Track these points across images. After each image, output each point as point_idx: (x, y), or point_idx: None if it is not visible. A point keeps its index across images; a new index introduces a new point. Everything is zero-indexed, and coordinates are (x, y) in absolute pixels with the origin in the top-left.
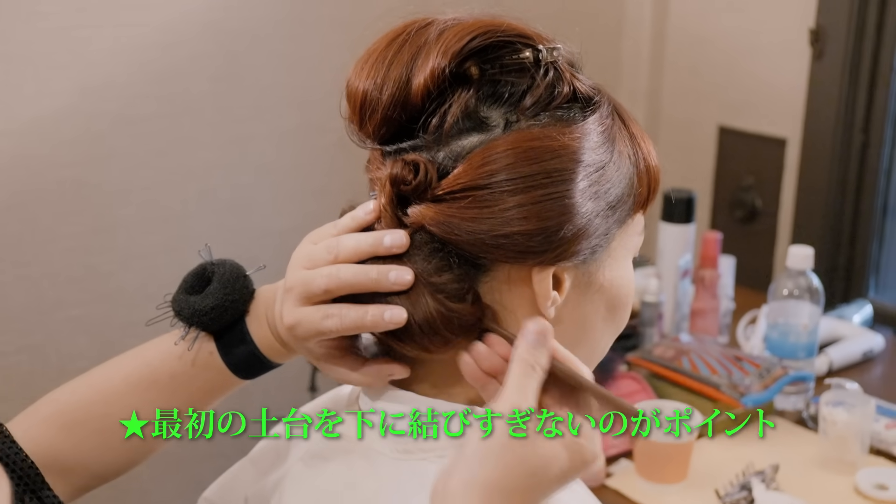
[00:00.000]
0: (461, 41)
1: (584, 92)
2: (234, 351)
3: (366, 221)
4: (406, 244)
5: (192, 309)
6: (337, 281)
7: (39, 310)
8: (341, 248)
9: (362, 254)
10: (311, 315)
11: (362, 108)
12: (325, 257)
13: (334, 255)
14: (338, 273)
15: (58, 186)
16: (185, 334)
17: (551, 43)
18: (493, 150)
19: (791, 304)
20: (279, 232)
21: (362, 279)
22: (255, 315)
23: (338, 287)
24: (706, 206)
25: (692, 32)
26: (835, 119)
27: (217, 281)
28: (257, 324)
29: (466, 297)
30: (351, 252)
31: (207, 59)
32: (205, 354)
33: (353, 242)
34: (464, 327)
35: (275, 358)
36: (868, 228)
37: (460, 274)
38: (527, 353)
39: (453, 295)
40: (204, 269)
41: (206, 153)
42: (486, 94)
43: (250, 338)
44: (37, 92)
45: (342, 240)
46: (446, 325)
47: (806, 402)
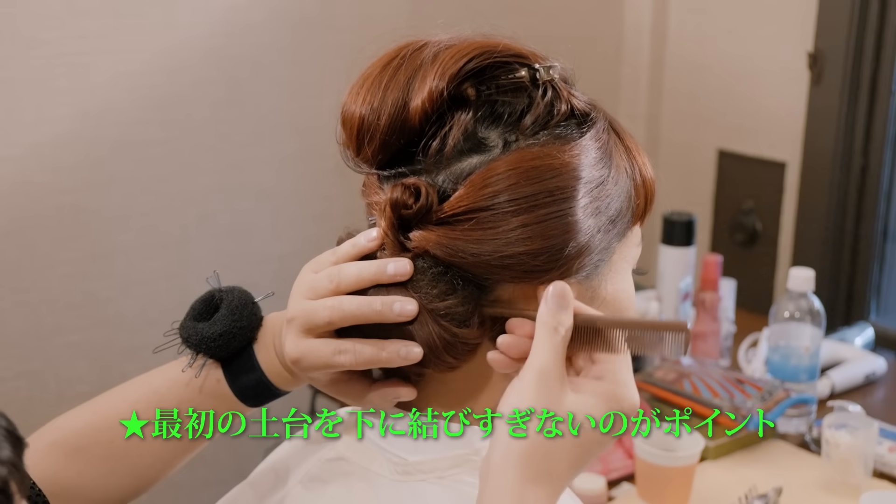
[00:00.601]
0: (458, 63)
1: (580, 108)
2: (241, 378)
3: (367, 249)
4: (410, 272)
5: (200, 336)
6: (340, 313)
7: (38, 335)
8: (343, 276)
9: (365, 282)
10: (321, 349)
11: (360, 133)
12: (327, 286)
13: (336, 285)
14: (341, 305)
15: (57, 212)
16: (192, 361)
17: (547, 61)
18: (494, 171)
19: (792, 326)
20: (279, 257)
21: (366, 311)
22: (264, 343)
23: (341, 319)
24: (707, 230)
25: (691, 58)
26: (834, 142)
27: (225, 307)
28: (265, 351)
29: (472, 322)
30: (353, 281)
31: (208, 85)
32: (212, 382)
33: (356, 271)
34: (469, 351)
35: (283, 386)
36: (869, 251)
37: (465, 297)
38: (548, 317)
39: (458, 319)
40: (212, 295)
41: (206, 178)
42: (484, 114)
43: (258, 365)
44: (37, 118)
45: (343, 268)
46: (451, 351)
47: (808, 424)
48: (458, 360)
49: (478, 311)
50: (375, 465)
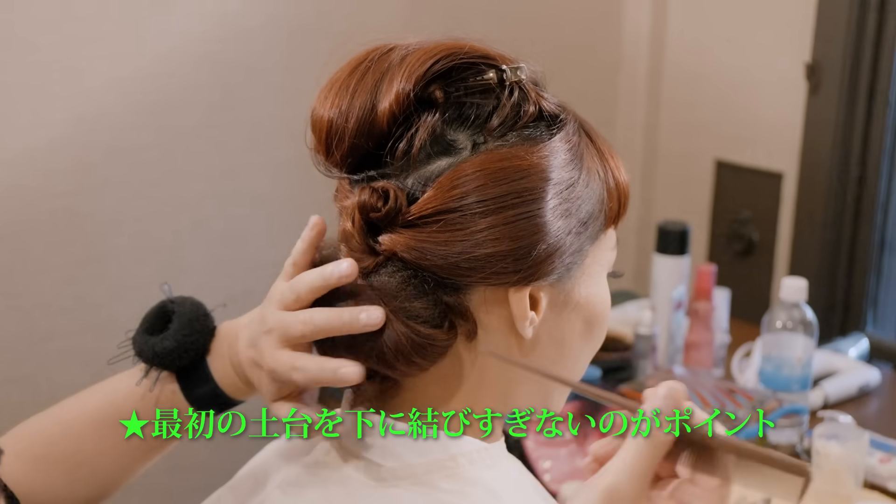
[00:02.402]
0: (424, 65)
1: (549, 110)
2: (196, 390)
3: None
4: (353, 272)
5: (153, 350)
6: (312, 327)
7: (31, 340)
8: (300, 286)
9: (318, 289)
10: (284, 363)
11: (328, 137)
12: (290, 297)
13: (296, 295)
14: (311, 318)
15: (50, 216)
16: (146, 374)
17: (515, 63)
18: (462, 172)
19: (785, 336)
20: (273, 263)
21: (335, 323)
22: (218, 354)
23: (313, 333)
24: (703, 240)
25: (688, 68)
26: (831, 153)
27: (176, 321)
28: (220, 362)
29: (442, 324)
30: (307, 289)
31: (202, 91)
32: (168, 394)
33: (308, 279)
34: (439, 353)
35: (236, 395)
36: (865, 262)
37: (435, 299)
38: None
39: (427, 321)
40: (164, 307)
41: (200, 184)
42: (452, 116)
43: (212, 377)
44: (30, 122)
45: (300, 278)
46: (418, 351)
47: (800, 435)
48: (428, 362)
49: (448, 316)
50: (353, 471)
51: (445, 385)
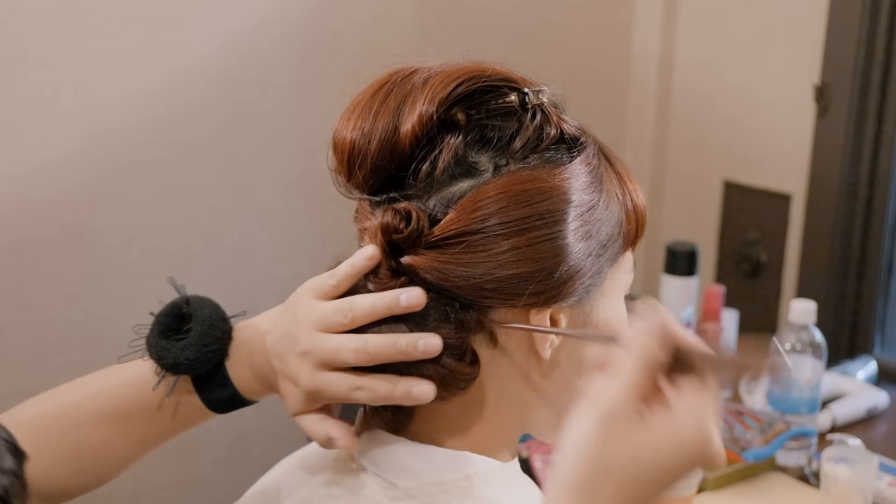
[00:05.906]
0: (447, 87)
1: (570, 133)
2: (213, 393)
3: (366, 267)
4: (423, 302)
5: (174, 360)
6: (366, 355)
7: (39, 354)
8: (356, 311)
9: (378, 315)
10: (339, 384)
11: (350, 158)
12: (341, 321)
13: (350, 319)
14: (366, 347)
15: (61, 231)
16: (162, 377)
17: (536, 86)
18: (484, 194)
19: (793, 358)
20: (283, 279)
21: (391, 352)
22: (237, 358)
23: (368, 361)
24: (711, 261)
25: (697, 89)
26: (839, 175)
27: (197, 329)
28: (238, 367)
29: (465, 357)
30: (367, 315)
31: (214, 108)
32: (182, 393)
33: (369, 304)
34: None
35: (253, 397)
36: (873, 284)
37: (458, 325)
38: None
39: (451, 349)
40: (178, 307)
41: (211, 200)
42: (475, 139)
43: (230, 381)
44: (43, 137)
45: (356, 302)
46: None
47: (808, 457)
48: (452, 394)
49: (470, 349)
50: (366, 490)
51: (464, 406)
